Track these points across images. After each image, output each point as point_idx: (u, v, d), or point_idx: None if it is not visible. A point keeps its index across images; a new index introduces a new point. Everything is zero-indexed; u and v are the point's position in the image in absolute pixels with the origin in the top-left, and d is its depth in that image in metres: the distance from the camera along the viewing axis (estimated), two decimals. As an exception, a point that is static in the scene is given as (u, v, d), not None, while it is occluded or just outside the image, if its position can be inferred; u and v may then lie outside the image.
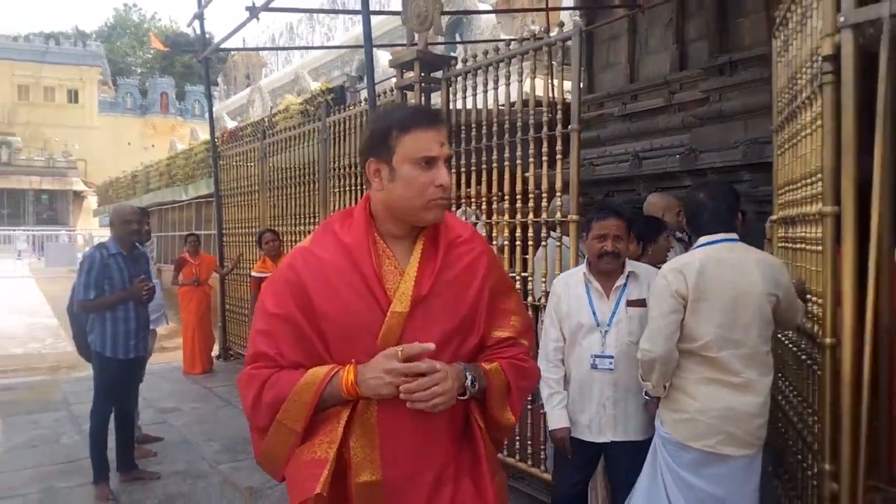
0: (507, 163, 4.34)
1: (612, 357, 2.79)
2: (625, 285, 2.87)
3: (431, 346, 1.55)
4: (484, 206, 4.55)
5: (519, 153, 4.30)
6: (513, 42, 4.32)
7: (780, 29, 3.58)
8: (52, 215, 40.29)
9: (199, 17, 8.41)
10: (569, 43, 4.13)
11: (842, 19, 2.42)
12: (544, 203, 4.08)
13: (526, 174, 4.26)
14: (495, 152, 4.42)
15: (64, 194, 40.99)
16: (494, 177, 4.40)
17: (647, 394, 2.69)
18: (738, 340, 2.45)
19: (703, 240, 2.60)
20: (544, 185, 4.07)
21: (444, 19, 15.22)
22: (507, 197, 4.34)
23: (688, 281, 2.45)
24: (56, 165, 40.82)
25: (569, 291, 2.94)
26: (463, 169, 4.56)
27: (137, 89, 50.29)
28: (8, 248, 27.90)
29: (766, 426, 2.56)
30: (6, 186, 39.25)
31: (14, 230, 31.01)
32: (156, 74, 52.22)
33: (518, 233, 4.24)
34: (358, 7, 5.52)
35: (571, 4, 11.68)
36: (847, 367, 2.45)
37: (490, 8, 14.55)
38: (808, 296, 2.87)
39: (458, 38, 14.97)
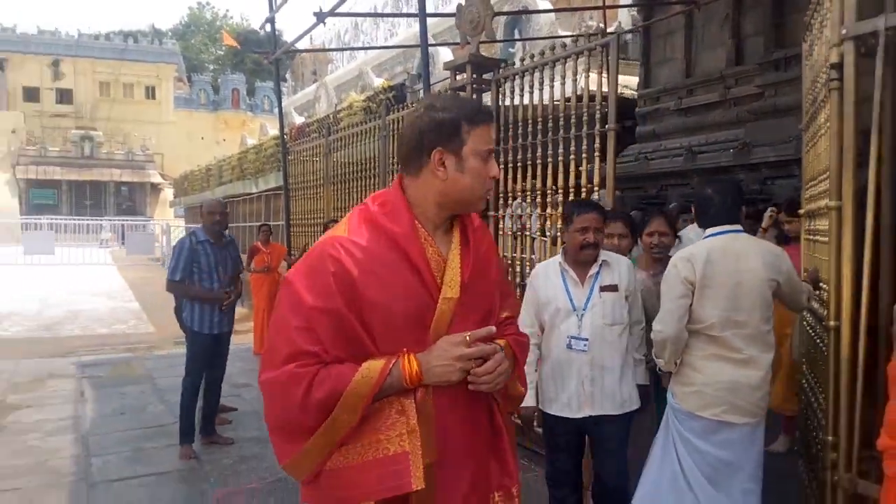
0: (560, 158, 4.60)
1: (587, 339, 2.99)
2: (598, 273, 3.07)
3: (493, 328, 1.64)
4: (539, 199, 4.81)
5: (572, 148, 4.54)
6: (556, 47, 4.59)
7: (807, 33, 3.79)
8: (131, 206, 42.17)
9: (271, 20, 8.94)
10: (626, 38, 4.34)
11: (844, 31, 2.66)
12: (595, 196, 4.34)
13: (580, 168, 4.51)
14: (550, 147, 4.68)
15: (142, 186, 42.83)
16: (549, 171, 4.65)
17: (659, 369, 2.99)
18: (740, 322, 2.73)
19: (710, 231, 2.88)
20: (595, 180, 4.33)
21: (503, 19, 15.49)
22: (560, 190, 4.59)
23: (695, 268, 2.74)
24: (135, 159, 42.66)
25: (546, 281, 3.15)
26: (519, 163, 4.86)
27: (210, 85, 52.16)
28: (91, 238, 29.54)
29: (766, 397, 2.83)
30: (89, 179, 41.23)
31: (99, 220, 32.78)
32: (227, 71, 53.99)
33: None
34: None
35: (629, 1, 11.79)
36: (845, 347, 2.70)
37: (549, 6, 14.72)
38: (821, 283, 3.12)
39: (517, 35, 15.20)
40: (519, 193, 4.91)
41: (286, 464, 1.63)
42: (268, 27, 9.06)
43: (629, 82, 11.72)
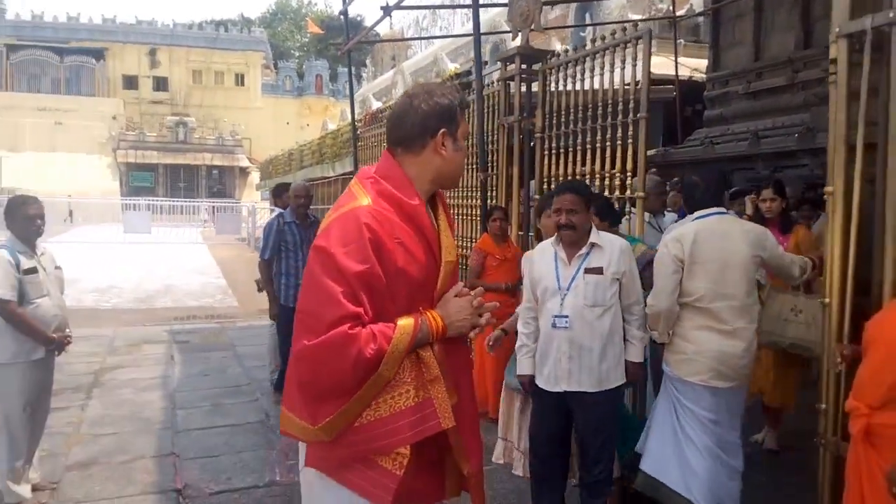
0: (598, 144, 4.85)
1: (567, 317, 3.10)
2: (587, 254, 3.15)
3: (482, 289, 1.93)
4: (607, 182, 4.98)
5: (608, 136, 4.77)
6: (597, 39, 4.83)
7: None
8: (221, 189, 44.12)
9: (344, 13, 9.44)
10: (698, 20, 4.53)
11: (837, 29, 2.86)
12: (629, 181, 4.58)
13: (616, 154, 4.71)
14: (588, 135, 4.93)
15: (231, 170, 44.71)
16: (588, 157, 4.88)
17: (654, 341, 3.28)
18: (727, 294, 3.01)
19: (697, 213, 3.17)
20: (629, 165, 4.55)
21: (575, 4, 15.51)
22: (608, 174, 4.80)
23: (684, 247, 3.03)
24: (225, 143, 44.53)
25: (541, 259, 3.29)
26: (562, 149, 5.14)
27: (295, 72, 53.80)
28: (184, 218, 31.29)
29: (749, 365, 3.11)
30: (183, 162, 43.37)
31: (192, 202, 34.63)
32: (311, 57, 55.55)
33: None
34: None
35: (699, -17, 11.69)
36: (833, 321, 2.93)
37: (620, -12, 14.69)
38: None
39: (587, 19, 15.22)
40: (561, 178, 5.19)
41: (322, 425, 1.71)
42: (343, 18, 9.58)
43: (699, 65, 11.65)
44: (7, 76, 46.83)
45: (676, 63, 10.57)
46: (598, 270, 3.11)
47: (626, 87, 4.53)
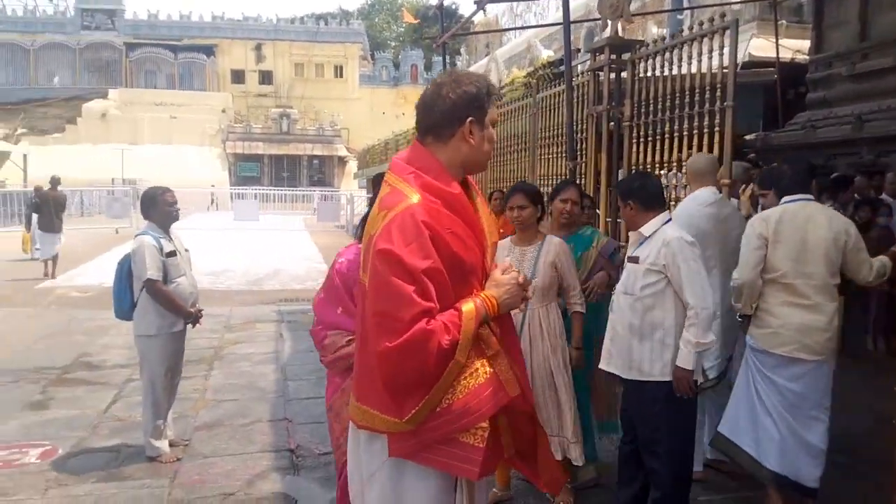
0: (685, 132, 4.95)
1: (614, 301, 3.28)
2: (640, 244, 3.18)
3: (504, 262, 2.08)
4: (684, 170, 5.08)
5: (695, 124, 4.86)
6: (684, 30, 4.92)
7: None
8: (321, 178, 45.65)
9: (439, 6, 9.78)
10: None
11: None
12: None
13: (702, 142, 4.77)
14: (676, 123, 5.04)
15: (330, 159, 46.17)
16: (675, 145, 4.99)
17: (740, 315, 3.44)
18: (808, 273, 3.18)
19: (785, 198, 3.30)
20: (715, 152, 4.62)
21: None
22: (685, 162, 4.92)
23: (769, 226, 3.19)
24: (324, 134, 45.99)
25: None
26: (659, 136, 5.23)
27: (391, 62, 54.91)
28: (288, 206, 32.77)
29: (833, 339, 3.23)
30: (286, 153, 45.15)
31: (295, 190, 36.15)
32: (407, 47, 56.46)
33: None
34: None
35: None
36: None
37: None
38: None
39: (685, 2, 14.90)
40: (649, 166, 5.31)
41: (409, 418, 1.77)
42: (443, 5, 9.90)
43: (802, 47, 11.26)
44: (126, 73, 50.17)
45: (777, 45, 10.28)
46: (635, 259, 3.14)
47: (713, 73, 4.61)
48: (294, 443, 4.66)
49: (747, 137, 10.29)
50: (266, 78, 52.27)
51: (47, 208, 13.10)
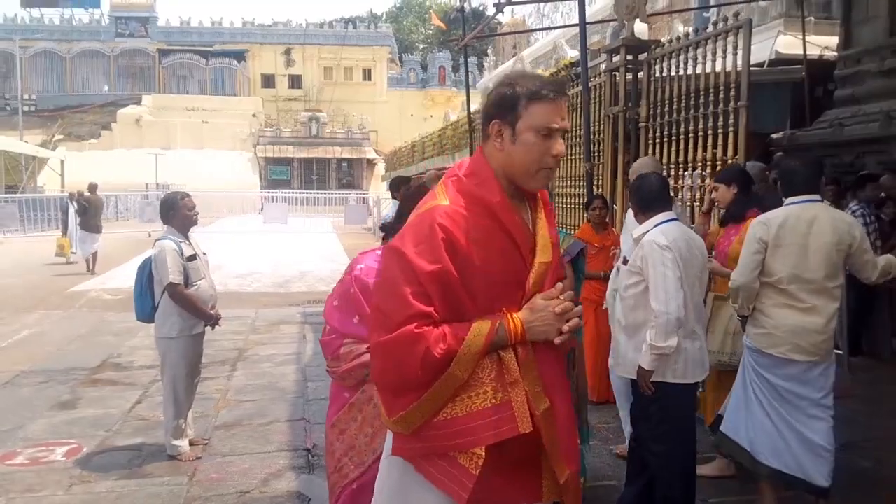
0: (700, 133, 4.94)
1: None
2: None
3: (570, 290, 1.82)
4: (709, 169, 5.08)
5: (710, 124, 4.85)
6: (699, 30, 4.90)
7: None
8: (349, 180, 45.91)
9: (461, 10, 9.83)
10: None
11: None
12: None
13: (717, 141, 4.76)
14: (691, 123, 5.03)
15: (359, 162, 46.40)
16: (690, 144, 4.98)
17: (740, 316, 3.43)
18: (806, 279, 3.14)
19: (790, 199, 3.25)
20: (729, 153, 4.62)
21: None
22: (709, 162, 4.91)
23: (770, 230, 3.15)
24: (353, 137, 46.23)
25: None
26: (675, 136, 5.23)
27: (419, 64, 55.08)
28: (316, 209, 33.09)
29: (829, 340, 3.20)
30: (316, 156, 45.51)
31: (325, 193, 36.49)
32: (435, 49, 56.60)
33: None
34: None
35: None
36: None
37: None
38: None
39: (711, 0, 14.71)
40: (691, 164, 5.24)
41: (396, 418, 1.74)
42: (468, 4, 9.94)
43: (830, 43, 11.06)
44: (160, 79, 51.14)
45: (805, 41, 10.11)
46: (626, 261, 3.32)
47: (727, 73, 4.59)
48: (311, 442, 4.73)
49: (774, 136, 10.15)
50: (295, 82, 52.82)
51: (91, 210, 14.41)
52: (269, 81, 52.59)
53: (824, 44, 11.19)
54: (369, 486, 2.11)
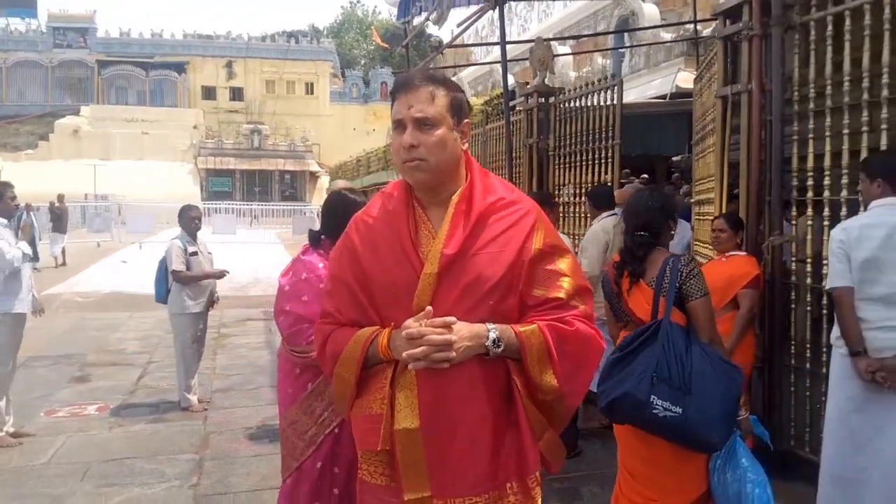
0: (601, 160, 6.49)
1: None
2: None
3: (453, 319, 1.60)
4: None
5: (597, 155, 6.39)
6: (593, 82, 6.46)
7: (697, 81, 5.49)
8: (292, 193, 46.43)
9: (404, 30, 11.21)
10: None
11: (716, 94, 4.46)
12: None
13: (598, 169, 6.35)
14: (591, 153, 6.57)
15: (302, 175, 46.96)
16: (582, 171, 6.51)
17: None
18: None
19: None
20: (604, 178, 6.17)
21: (613, 27, 16.90)
22: (584, 187, 6.45)
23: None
24: (296, 150, 46.78)
25: None
26: (575, 163, 6.73)
27: (362, 80, 56.35)
28: (262, 221, 33.91)
29: None
30: (258, 168, 45.95)
31: (268, 205, 37.24)
32: (377, 65, 57.98)
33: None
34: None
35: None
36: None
37: (655, 11, 16.09)
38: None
39: (626, 39, 16.63)
40: (566, 185, 6.82)
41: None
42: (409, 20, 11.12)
43: (720, 80, 12.94)
44: (98, 90, 50.92)
45: (697, 77, 11.90)
46: None
47: (607, 117, 6.15)
48: (292, 400, 6.05)
49: (674, 158, 11.95)
50: (237, 94, 53.35)
51: (64, 216, 18.44)
52: (210, 93, 52.94)
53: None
54: (349, 436, 2.32)
